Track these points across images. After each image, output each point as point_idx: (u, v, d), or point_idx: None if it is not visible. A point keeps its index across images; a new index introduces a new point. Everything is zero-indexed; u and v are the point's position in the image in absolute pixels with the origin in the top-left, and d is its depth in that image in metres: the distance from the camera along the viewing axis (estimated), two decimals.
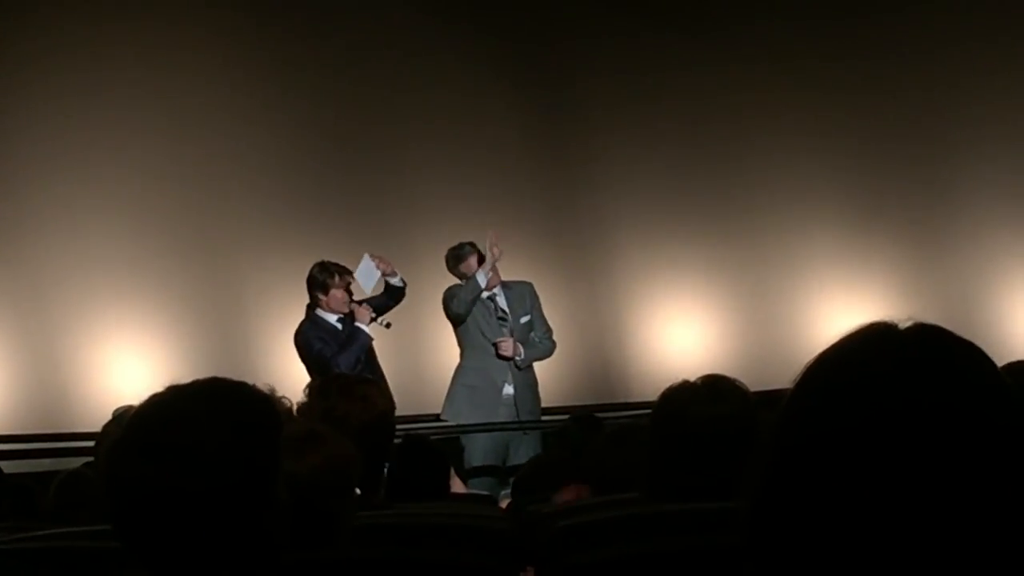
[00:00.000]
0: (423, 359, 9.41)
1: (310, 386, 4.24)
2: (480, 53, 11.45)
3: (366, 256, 9.01)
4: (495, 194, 11.20)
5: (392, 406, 4.53)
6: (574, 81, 11.51)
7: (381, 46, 11.35)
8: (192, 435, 2.02)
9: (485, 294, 9.00)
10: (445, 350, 9.03)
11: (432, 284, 9.94)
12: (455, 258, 9.12)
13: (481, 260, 9.02)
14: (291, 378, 8.79)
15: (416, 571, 2.96)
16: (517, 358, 8.97)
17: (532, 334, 9.17)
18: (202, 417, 2.05)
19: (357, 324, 8.79)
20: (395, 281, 8.98)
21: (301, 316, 9.02)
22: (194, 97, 11.05)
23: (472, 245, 9.11)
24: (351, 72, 11.29)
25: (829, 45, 11.58)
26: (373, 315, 8.84)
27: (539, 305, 9.26)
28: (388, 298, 9.00)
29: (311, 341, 8.79)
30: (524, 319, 9.10)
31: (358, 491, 3.29)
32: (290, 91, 11.22)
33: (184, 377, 2.19)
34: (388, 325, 8.91)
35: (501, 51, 11.49)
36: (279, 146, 11.16)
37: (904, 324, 1.44)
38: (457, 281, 9.11)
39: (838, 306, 11.15)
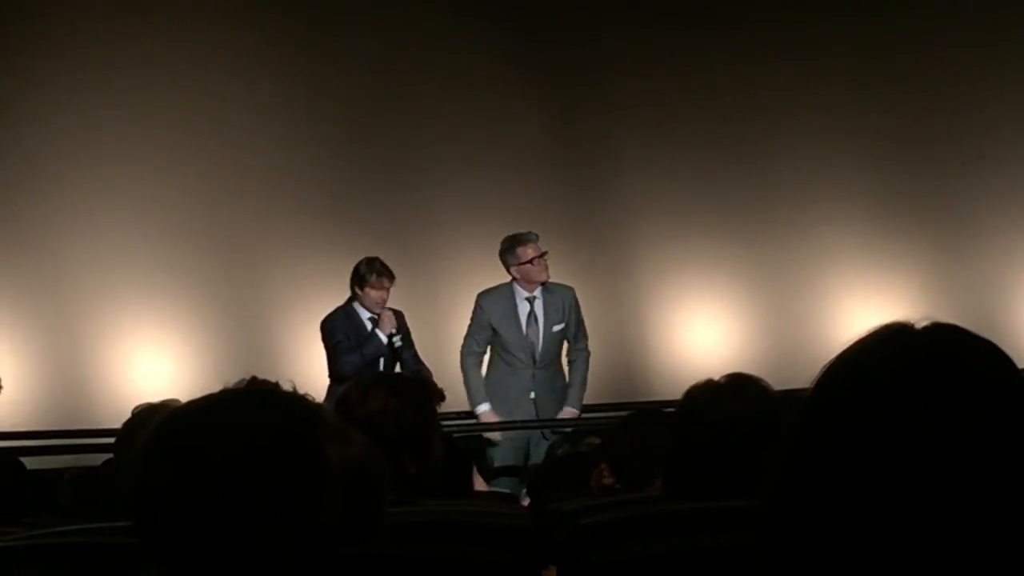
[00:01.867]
0: (443, 359, 9.39)
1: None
2: (502, 52, 11.44)
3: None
4: (516, 192, 11.20)
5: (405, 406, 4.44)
6: (596, 80, 11.50)
7: (402, 43, 11.35)
8: (208, 440, 2.03)
9: (525, 295, 8.93)
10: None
11: (451, 282, 9.95)
12: (513, 240, 8.93)
13: (535, 254, 8.88)
14: (311, 373, 8.82)
15: (438, 568, 2.96)
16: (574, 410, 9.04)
17: (566, 348, 9.07)
18: (223, 422, 2.05)
19: (376, 331, 8.86)
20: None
21: (320, 311, 9.09)
22: (213, 93, 11.07)
23: (536, 236, 8.98)
24: (372, 69, 11.30)
25: (851, 44, 11.55)
26: (394, 330, 8.90)
27: (579, 310, 9.07)
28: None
29: (335, 331, 8.94)
30: (557, 327, 8.94)
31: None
32: (309, 87, 11.23)
33: (200, 372, 2.20)
34: (399, 347, 8.93)
35: (523, 50, 11.48)
36: (299, 142, 11.17)
37: (921, 324, 1.44)
38: (501, 279, 8.95)
39: (860, 304, 11.13)
